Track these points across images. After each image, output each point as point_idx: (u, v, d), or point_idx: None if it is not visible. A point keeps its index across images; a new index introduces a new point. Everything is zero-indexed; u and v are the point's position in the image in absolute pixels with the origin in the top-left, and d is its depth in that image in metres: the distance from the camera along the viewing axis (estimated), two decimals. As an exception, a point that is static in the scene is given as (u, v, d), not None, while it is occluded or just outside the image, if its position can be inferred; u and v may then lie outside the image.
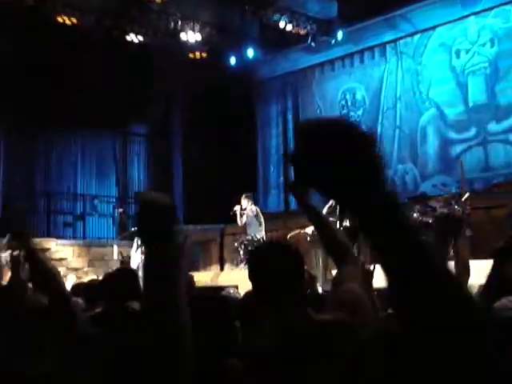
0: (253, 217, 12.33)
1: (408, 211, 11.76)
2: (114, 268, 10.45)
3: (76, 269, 14.38)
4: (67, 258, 14.64)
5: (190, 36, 14.83)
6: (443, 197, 11.47)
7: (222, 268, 14.47)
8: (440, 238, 3.30)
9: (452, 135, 14.54)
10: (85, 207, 17.20)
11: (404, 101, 15.51)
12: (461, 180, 10.92)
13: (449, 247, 9.54)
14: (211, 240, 15.19)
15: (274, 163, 18.18)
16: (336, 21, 15.21)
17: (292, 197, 2.39)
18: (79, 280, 10.33)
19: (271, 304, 2.25)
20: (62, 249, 14.69)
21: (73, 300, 3.21)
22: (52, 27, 13.93)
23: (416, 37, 15.32)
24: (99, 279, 6.16)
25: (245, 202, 12.43)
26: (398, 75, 15.68)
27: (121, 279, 3.87)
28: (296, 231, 10.89)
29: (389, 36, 15.60)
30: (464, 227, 10.63)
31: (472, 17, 14.32)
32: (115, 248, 14.15)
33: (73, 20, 13.92)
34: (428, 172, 14.90)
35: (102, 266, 13.86)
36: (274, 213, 16.75)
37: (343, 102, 16.87)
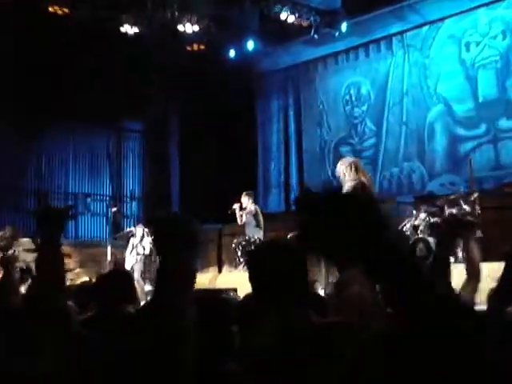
0: (252, 216, 12.34)
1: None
2: (108, 270, 10.46)
3: (67, 270, 14.38)
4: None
5: (188, 27, 14.82)
6: (451, 196, 11.49)
7: (220, 270, 14.46)
8: (447, 240, 3.29)
9: (461, 132, 14.54)
10: (77, 206, 17.19)
11: (411, 96, 15.51)
12: (470, 179, 10.93)
13: (457, 249, 9.55)
14: (209, 241, 15.18)
15: (275, 160, 18.17)
16: (340, 12, 15.18)
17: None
18: (71, 282, 10.32)
19: (271, 304, 2.27)
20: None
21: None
22: (44, 19, 13.92)
23: (424, 29, 15.32)
24: (92, 281, 6.17)
25: (245, 200, 12.43)
26: (405, 69, 15.68)
27: (115, 281, 3.87)
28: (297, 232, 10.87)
29: (395, 28, 15.59)
30: (474, 228, 10.63)
31: (483, 8, 14.33)
32: (109, 249, 14.15)
33: (65, 10, 13.91)
34: (436, 170, 14.90)
35: (95, 268, 13.85)
36: (275, 213, 16.75)
37: (347, 97, 16.87)
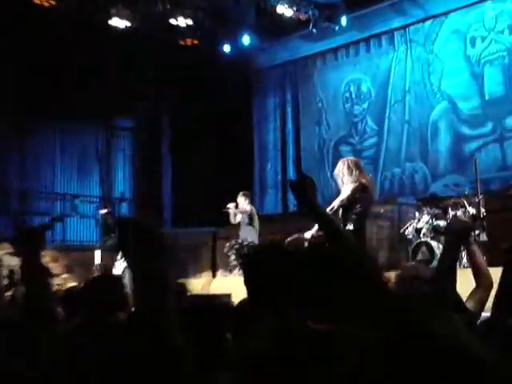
0: (247, 217, 12.32)
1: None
2: (96, 275, 10.44)
3: (54, 275, 14.33)
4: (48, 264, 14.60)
5: (180, 21, 14.81)
6: (456, 198, 11.51)
7: (215, 275, 14.45)
8: (452, 245, 3.27)
9: (466, 131, 14.56)
10: (64, 208, 17.17)
11: (413, 93, 15.52)
12: (475, 180, 10.92)
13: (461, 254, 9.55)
14: (202, 244, 15.17)
15: (272, 160, 18.17)
16: (340, 5, 15.18)
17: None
18: (57, 287, 10.29)
19: (267, 308, 2.27)
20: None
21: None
22: (30, 12, 13.89)
23: (427, 23, 15.33)
24: (79, 286, 6.15)
25: (241, 200, 12.41)
26: (408, 65, 15.69)
27: (104, 286, 3.86)
28: (295, 236, 10.89)
29: (397, 22, 15.60)
30: (478, 232, 10.65)
31: (489, 1, 14.34)
32: (98, 253, 14.12)
33: (51, 2, 13.88)
34: (439, 171, 14.91)
35: (83, 273, 13.81)
36: (272, 214, 16.75)
37: (347, 95, 16.88)
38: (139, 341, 1.70)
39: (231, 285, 9.74)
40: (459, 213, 11.21)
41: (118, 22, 14.63)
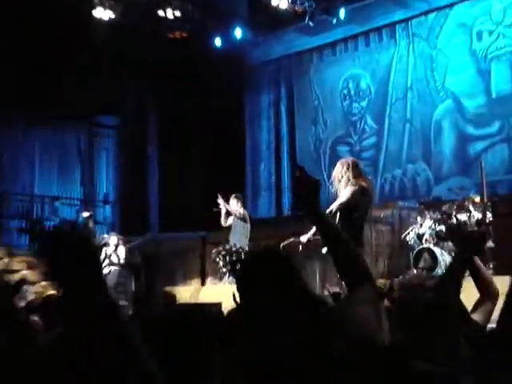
0: (239, 220, 12.32)
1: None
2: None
3: (32, 283, 14.27)
4: (21, 270, 14.55)
5: (169, 13, 14.80)
6: (460, 202, 11.52)
7: (204, 282, 14.44)
8: (462, 258, 3.28)
9: (471, 131, 14.59)
10: (43, 211, 17.12)
11: (416, 90, 15.55)
12: (481, 183, 10.94)
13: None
14: (191, 250, 15.16)
15: (265, 161, 18.17)
16: (338, -4, 15.23)
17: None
18: (36, 295, 10.26)
19: (260, 316, 2.27)
20: (15, 259, 14.60)
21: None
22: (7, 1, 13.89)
23: (431, 16, 15.37)
24: (59, 294, 6.13)
25: (233, 203, 12.41)
26: (410, 61, 15.72)
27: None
28: (290, 239, 10.91)
29: (399, 15, 15.64)
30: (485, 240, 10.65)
31: (496, -7, 14.42)
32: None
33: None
34: (443, 173, 14.94)
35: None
36: (265, 218, 16.75)
37: (345, 92, 16.90)
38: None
39: (221, 293, 9.72)
40: (464, 217, 11.23)
41: (102, 13, 14.62)
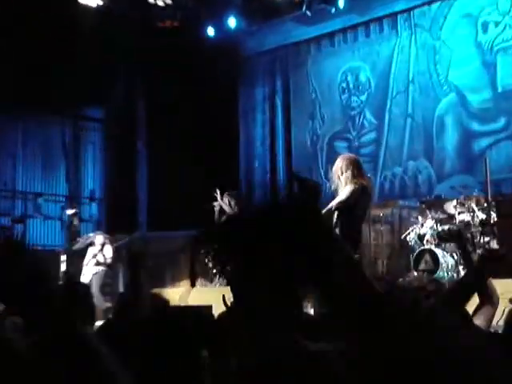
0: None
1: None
2: (61, 283, 10.39)
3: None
4: None
5: (159, 0, 14.79)
6: (463, 201, 11.54)
7: (194, 284, 14.45)
8: (465, 252, 3.25)
9: (475, 126, 14.60)
10: (26, 208, 17.10)
11: (418, 84, 15.55)
12: (485, 181, 10.97)
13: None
14: (181, 250, 15.14)
15: (260, 157, 18.16)
16: (337, -15, 15.22)
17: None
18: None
19: (252, 319, 2.26)
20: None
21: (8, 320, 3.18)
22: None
23: (434, 6, 15.37)
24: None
25: (227, 202, 12.41)
26: (412, 53, 15.72)
27: (69, 296, 3.84)
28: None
29: (401, 4, 15.64)
30: (489, 239, 10.68)
31: (503, -18, 14.43)
32: (63, 258, 14.08)
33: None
34: (445, 171, 14.94)
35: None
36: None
37: (344, 85, 16.89)
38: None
39: (212, 296, 9.73)
40: (467, 218, 11.25)
41: (89, 0, 14.59)
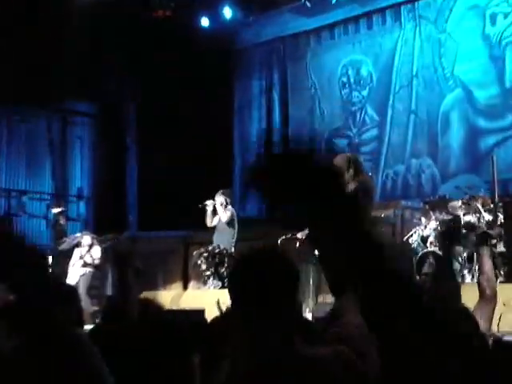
0: (226, 221, 12.31)
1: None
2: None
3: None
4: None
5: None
6: (469, 202, 11.53)
7: (186, 286, 14.46)
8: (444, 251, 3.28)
9: (482, 123, 14.61)
10: (10, 206, 17.07)
11: (422, 78, 15.55)
12: (492, 181, 10.97)
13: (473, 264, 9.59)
14: (172, 251, 15.15)
15: (256, 154, 18.15)
16: (338, -26, 15.23)
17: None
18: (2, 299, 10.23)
19: (250, 323, 2.26)
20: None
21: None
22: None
23: (439, -3, 15.40)
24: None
25: (220, 200, 12.40)
26: (416, 46, 15.72)
27: (55, 299, 3.83)
28: (288, 235, 11.00)
29: (405, -5, 15.68)
30: (495, 241, 10.67)
31: (512, -28, 14.43)
32: (49, 259, 14.07)
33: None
34: (450, 170, 14.95)
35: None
36: (254, 218, 16.69)
37: (344, 79, 16.89)
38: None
39: (205, 298, 9.74)
40: (473, 219, 11.24)
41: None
